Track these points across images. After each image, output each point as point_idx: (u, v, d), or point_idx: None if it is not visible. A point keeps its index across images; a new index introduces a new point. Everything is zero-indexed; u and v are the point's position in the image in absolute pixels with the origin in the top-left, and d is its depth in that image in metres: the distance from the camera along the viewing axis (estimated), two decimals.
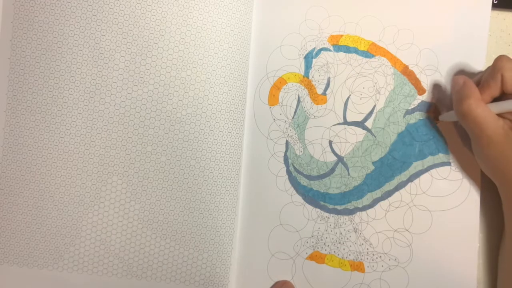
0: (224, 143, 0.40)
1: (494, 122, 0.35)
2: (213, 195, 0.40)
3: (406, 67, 0.41)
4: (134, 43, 0.39)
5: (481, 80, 0.37)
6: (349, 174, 0.41)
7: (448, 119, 0.39)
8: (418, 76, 0.41)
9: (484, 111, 0.35)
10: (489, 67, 0.37)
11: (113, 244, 0.40)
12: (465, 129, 0.37)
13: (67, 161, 0.40)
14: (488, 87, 0.36)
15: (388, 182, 0.41)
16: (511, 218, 0.37)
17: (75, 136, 0.40)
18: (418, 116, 0.41)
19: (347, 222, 0.41)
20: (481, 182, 0.40)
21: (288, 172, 0.41)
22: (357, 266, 0.40)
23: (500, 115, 0.36)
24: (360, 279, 0.40)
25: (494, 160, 0.36)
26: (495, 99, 0.36)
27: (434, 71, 0.41)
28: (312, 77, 0.42)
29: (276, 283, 0.41)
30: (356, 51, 0.41)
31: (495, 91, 0.36)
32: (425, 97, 0.41)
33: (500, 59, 0.36)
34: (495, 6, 0.41)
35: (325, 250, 0.41)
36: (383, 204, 0.41)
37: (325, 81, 0.42)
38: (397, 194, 0.41)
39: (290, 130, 0.42)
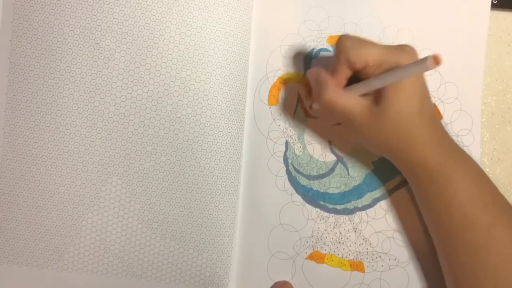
0: (224, 143, 0.40)
1: (358, 106, 0.34)
2: (213, 195, 0.40)
3: None
4: (134, 43, 0.39)
5: None
6: (348, 174, 0.41)
7: (318, 107, 0.38)
8: None
9: (344, 99, 0.34)
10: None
11: (112, 244, 0.40)
12: (336, 119, 0.36)
13: (67, 161, 0.40)
14: (337, 72, 0.34)
15: (388, 182, 0.41)
16: (412, 184, 0.37)
17: (75, 136, 0.40)
18: None
19: (347, 222, 0.41)
20: None
21: (288, 172, 0.41)
22: (357, 266, 0.40)
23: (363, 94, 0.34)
24: (360, 279, 0.40)
25: (374, 139, 0.35)
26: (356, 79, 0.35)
27: (433, 71, 0.41)
28: None
29: (276, 283, 0.41)
30: None
31: (346, 73, 0.34)
32: None
33: (339, 39, 0.34)
34: (494, 6, 0.41)
35: (325, 250, 0.41)
36: (383, 204, 0.41)
37: None
38: (396, 193, 0.41)
39: (290, 130, 0.42)
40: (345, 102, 0.34)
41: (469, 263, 0.33)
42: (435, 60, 0.26)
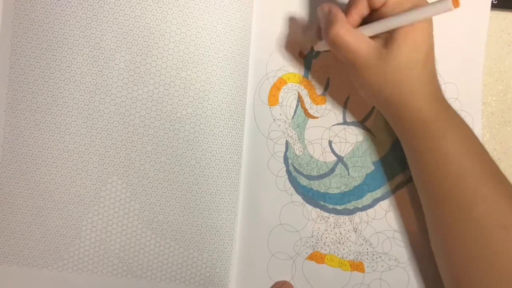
0: (224, 143, 0.40)
1: (366, 45, 0.33)
2: (213, 195, 0.40)
3: None
4: (135, 43, 0.39)
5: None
6: (349, 174, 0.41)
7: (321, 49, 0.39)
8: None
9: (353, 36, 0.33)
10: None
11: (113, 244, 0.40)
12: (340, 58, 0.35)
13: (67, 161, 0.40)
14: (354, 6, 0.34)
15: (388, 182, 0.41)
16: (403, 136, 0.37)
17: (75, 136, 0.40)
18: None
19: (347, 222, 0.41)
20: None
21: (288, 172, 0.41)
22: (357, 266, 0.40)
23: (373, 36, 0.34)
24: (360, 279, 0.40)
25: (374, 84, 0.34)
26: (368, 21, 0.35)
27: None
28: (312, 77, 0.42)
29: (276, 283, 0.41)
30: None
31: (362, 9, 0.34)
32: None
33: None
34: (494, 6, 0.41)
35: (325, 250, 0.41)
36: (383, 204, 0.41)
37: (325, 82, 0.42)
38: (397, 194, 0.41)
39: (290, 130, 0.42)
40: (353, 40, 0.33)
41: (452, 218, 0.34)
42: (455, 1, 0.27)
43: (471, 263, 0.33)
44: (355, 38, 0.33)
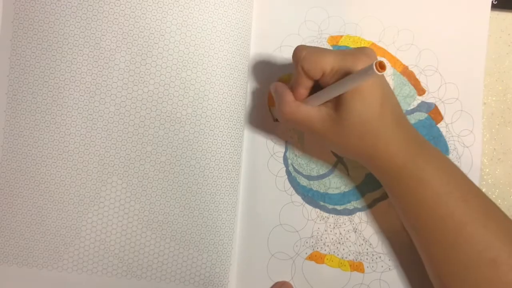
0: (224, 143, 0.40)
1: (317, 115, 0.34)
2: (213, 195, 0.40)
3: (406, 67, 0.41)
4: (135, 43, 0.39)
5: None
6: (348, 174, 0.41)
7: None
8: (417, 76, 0.41)
9: (302, 111, 0.34)
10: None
11: (112, 244, 0.40)
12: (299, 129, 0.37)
13: (67, 161, 0.40)
14: (297, 82, 0.35)
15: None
16: (384, 184, 0.37)
17: (75, 136, 0.40)
18: (417, 116, 0.41)
19: (347, 222, 0.41)
20: (479, 180, 0.40)
21: (288, 172, 0.41)
22: (357, 267, 0.40)
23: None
24: (360, 279, 0.40)
25: (337, 143, 0.35)
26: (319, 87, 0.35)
27: (434, 72, 0.41)
28: None
29: (275, 283, 0.41)
30: None
31: (305, 83, 0.34)
32: (425, 97, 0.41)
33: (295, 50, 0.34)
34: (494, 6, 0.41)
35: (325, 250, 0.41)
36: (383, 204, 0.41)
37: None
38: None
39: (290, 130, 0.42)
40: (302, 115, 0.34)
41: (441, 256, 0.34)
42: (380, 66, 0.26)
43: None
44: (304, 112, 0.34)
